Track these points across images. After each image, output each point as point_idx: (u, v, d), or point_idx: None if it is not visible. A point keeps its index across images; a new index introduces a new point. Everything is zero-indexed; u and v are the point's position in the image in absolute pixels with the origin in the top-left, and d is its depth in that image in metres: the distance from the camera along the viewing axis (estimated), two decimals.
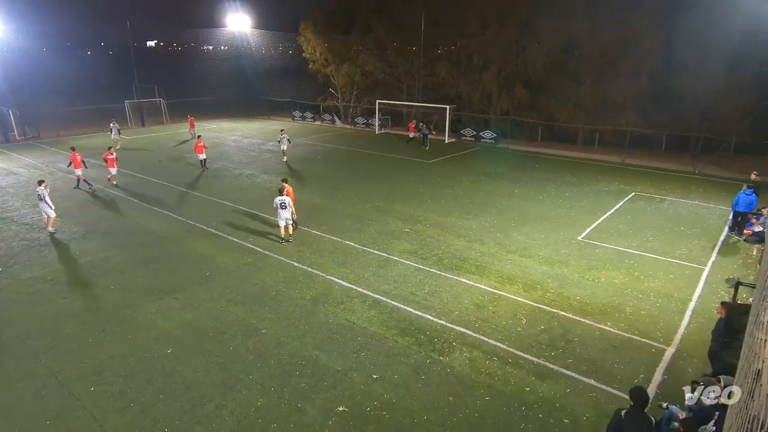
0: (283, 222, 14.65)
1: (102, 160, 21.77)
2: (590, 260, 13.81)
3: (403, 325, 10.47)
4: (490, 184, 22.25)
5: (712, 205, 19.03)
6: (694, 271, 13.14)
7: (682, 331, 10.31)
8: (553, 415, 7.91)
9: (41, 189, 15.49)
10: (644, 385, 8.47)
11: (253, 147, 31.28)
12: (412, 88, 40.08)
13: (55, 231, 15.66)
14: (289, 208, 14.49)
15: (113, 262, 13.65)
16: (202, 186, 21.46)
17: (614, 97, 29.77)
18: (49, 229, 15.62)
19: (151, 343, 9.78)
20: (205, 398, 8.23)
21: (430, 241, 15.11)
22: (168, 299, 11.54)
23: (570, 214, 17.89)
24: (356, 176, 23.63)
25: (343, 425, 7.66)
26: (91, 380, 8.67)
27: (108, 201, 19.32)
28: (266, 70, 49.88)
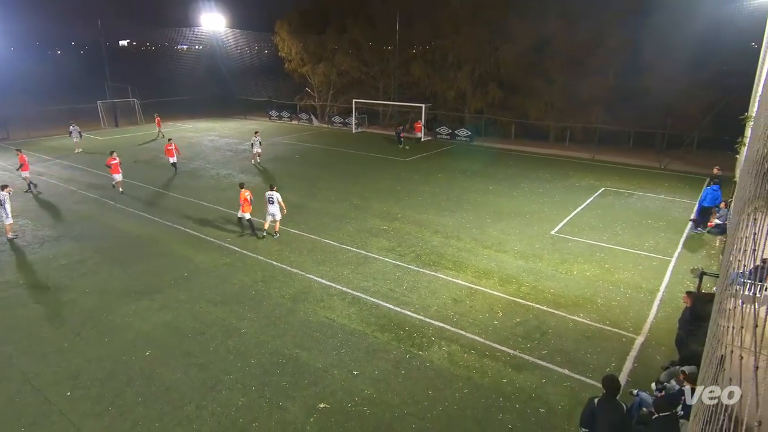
0: (270, 217, 15.10)
1: (105, 166, 20.29)
2: (563, 254, 14.20)
3: (383, 322, 10.62)
4: (465, 181, 22.58)
5: (677, 199, 19.74)
6: (661, 263, 13.65)
7: (651, 321, 10.72)
8: (529, 405, 8.16)
9: (2, 194, 14.92)
10: (615, 373, 8.79)
11: (229, 147, 30.98)
12: (388, 87, 40.26)
13: (15, 237, 15.12)
14: (277, 203, 14.97)
15: (89, 264, 13.42)
16: (179, 186, 21.20)
17: (584, 96, 30.53)
18: (7, 236, 14.99)
19: (128, 346, 9.69)
20: (185, 399, 8.22)
21: (407, 238, 15.30)
22: (145, 301, 11.43)
23: (543, 209, 18.32)
24: (334, 175, 23.67)
25: (324, 422, 7.76)
26: (68, 384, 8.56)
27: (83, 203, 18.92)
28: (242, 70, 49.36)
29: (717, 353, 5.49)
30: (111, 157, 19.94)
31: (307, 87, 43.70)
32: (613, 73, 29.57)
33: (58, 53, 79.74)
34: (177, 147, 23.99)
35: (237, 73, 48.78)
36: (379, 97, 39.82)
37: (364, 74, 40.73)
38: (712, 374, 5.25)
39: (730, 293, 6.79)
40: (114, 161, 19.79)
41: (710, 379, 5.37)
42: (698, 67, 26.65)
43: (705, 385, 5.54)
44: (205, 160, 26.76)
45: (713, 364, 5.35)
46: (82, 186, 21.07)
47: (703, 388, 2.15)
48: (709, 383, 5.26)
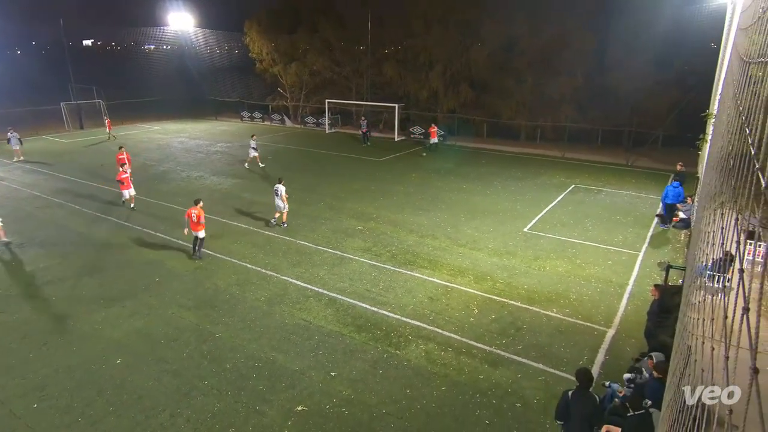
0: (277, 208, 16.02)
1: (117, 182, 18.09)
2: (536, 250, 14.46)
3: (360, 322, 10.61)
4: (439, 180, 22.74)
5: (644, 195, 20.33)
6: (630, 257, 14.04)
7: (621, 314, 11.01)
8: (506, 400, 8.28)
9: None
10: (588, 365, 9.01)
11: (200, 149, 30.43)
12: (360, 87, 40.18)
13: None
14: (280, 197, 15.78)
15: (55, 271, 12.99)
16: (148, 190, 20.68)
17: (553, 95, 31.18)
18: None
19: (98, 354, 9.42)
20: (158, 407, 8.04)
21: (383, 238, 15.32)
22: (115, 307, 11.13)
23: (516, 207, 18.61)
24: (308, 175, 23.50)
25: (302, 425, 7.70)
26: (34, 396, 8.27)
27: (48, 209, 18.28)
28: (212, 70, 48.44)
29: (685, 343, 5.68)
30: (121, 171, 17.93)
31: (279, 87, 43.26)
32: (581, 72, 30.28)
33: (18, 53, 76.80)
34: (129, 156, 20.94)
35: (207, 73, 47.87)
36: (352, 98, 39.72)
37: (336, 74, 40.54)
38: (682, 364, 5.43)
39: (696, 285, 7.05)
40: (124, 175, 17.69)
41: (680, 369, 5.56)
42: (662, 67, 27.65)
43: (676, 374, 5.73)
44: (175, 162, 26.22)
45: (683, 355, 5.54)
46: (46, 191, 20.37)
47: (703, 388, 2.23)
48: (680, 372, 5.44)
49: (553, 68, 30.71)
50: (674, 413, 3.87)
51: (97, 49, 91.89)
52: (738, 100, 4.13)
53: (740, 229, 2.90)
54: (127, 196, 17.90)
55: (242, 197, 19.63)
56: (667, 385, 6.69)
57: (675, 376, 5.86)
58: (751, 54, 3.88)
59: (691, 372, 3.68)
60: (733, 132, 4.04)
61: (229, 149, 30.24)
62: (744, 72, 4.17)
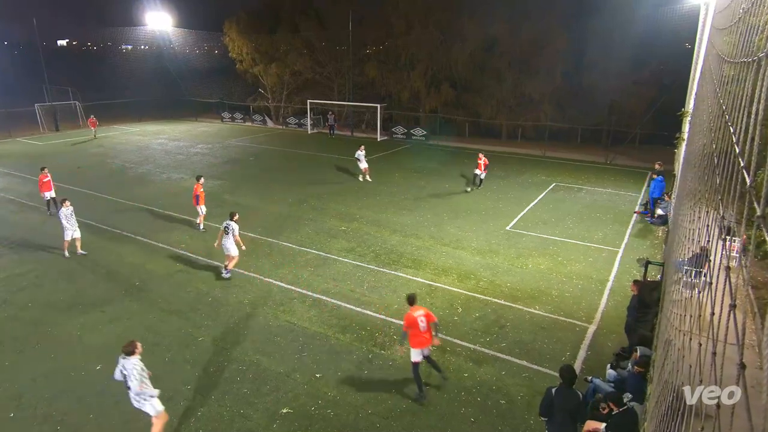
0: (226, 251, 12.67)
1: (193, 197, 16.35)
2: (518, 248, 14.60)
3: (344, 323, 10.58)
4: (422, 179, 22.82)
5: (623, 192, 20.70)
6: (610, 254, 14.28)
7: (602, 310, 11.19)
8: (490, 397, 8.35)
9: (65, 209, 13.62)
10: (571, 361, 9.14)
11: (180, 150, 30.00)
12: (342, 87, 40.10)
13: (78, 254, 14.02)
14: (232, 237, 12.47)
15: (30, 276, 12.67)
16: (127, 192, 20.31)
17: (533, 94, 31.56)
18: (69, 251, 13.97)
19: (77, 361, 9.22)
20: (141, 413, 7.85)
21: (367, 238, 15.31)
22: (94, 313, 10.91)
23: (498, 205, 18.77)
24: (290, 176, 23.36)
25: (288, 427, 7.66)
26: (11, 406, 8.06)
27: (20, 213, 17.84)
28: (191, 71, 47.77)
29: (665, 337, 5.80)
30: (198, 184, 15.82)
31: (260, 88, 42.90)
32: (560, 72, 30.70)
33: None
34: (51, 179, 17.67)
35: (186, 74, 47.20)
36: (334, 98, 39.60)
37: (318, 74, 40.38)
38: (663, 357, 5.54)
39: (675, 280, 7.20)
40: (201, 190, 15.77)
41: (661, 360, 5.67)
42: (638, 67, 28.23)
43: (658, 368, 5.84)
44: (155, 164, 25.81)
45: (664, 348, 5.66)
46: (19, 194, 19.87)
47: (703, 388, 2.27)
48: (661, 363, 5.55)
49: (532, 68, 31.12)
50: (663, 407, 3.95)
51: (72, 49, 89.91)
52: (721, 99, 4.22)
53: (724, 225, 2.97)
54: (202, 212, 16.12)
55: (224, 198, 19.42)
56: (651, 378, 6.84)
57: (658, 369, 5.98)
58: (733, 54, 3.97)
59: (680, 368, 3.75)
60: (716, 130, 4.13)
61: (210, 150, 29.88)
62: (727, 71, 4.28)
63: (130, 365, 6.85)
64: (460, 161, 27.00)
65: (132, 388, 6.88)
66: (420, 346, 8.21)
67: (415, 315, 8.15)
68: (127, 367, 6.84)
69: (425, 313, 8.26)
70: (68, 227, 13.57)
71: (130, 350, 6.91)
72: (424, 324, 8.11)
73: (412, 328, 8.12)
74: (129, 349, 6.91)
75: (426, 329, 8.18)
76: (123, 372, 6.87)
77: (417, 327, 8.09)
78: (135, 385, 6.85)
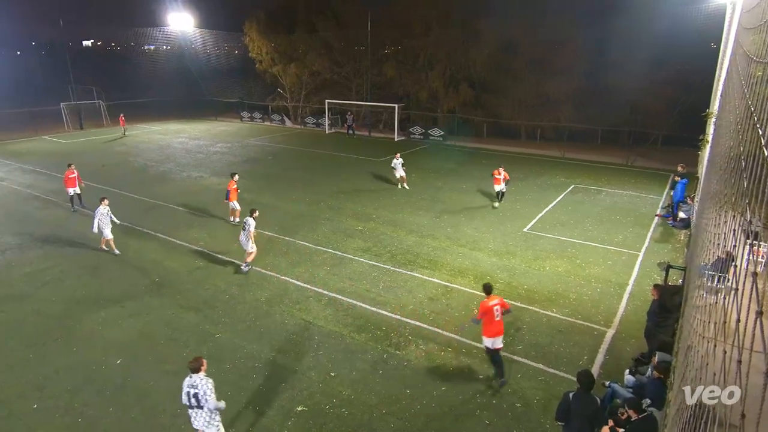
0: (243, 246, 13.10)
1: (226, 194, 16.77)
2: (536, 250, 14.45)
3: (360, 322, 10.60)
4: (439, 180, 22.74)
5: (644, 195, 20.33)
6: (630, 257, 14.03)
7: (621, 314, 11.01)
8: (505, 400, 8.28)
9: None
10: (588, 366, 9.01)
11: (200, 149, 30.42)
12: (360, 87, 40.21)
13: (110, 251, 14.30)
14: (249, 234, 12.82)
15: (54, 271, 12.98)
16: (148, 190, 20.68)
17: (553, 94, 31.20)
18: (106, 248, 14.34)
19: (98, 354, 9.41)
20: (158, 408, 8.03)
21: (383, 238, 15.31)
22: (115, 308, 11.12)
23: (516, 207, 18.60)
24: (308, 176, 23.50)
25: (302, 425, 7.70)
26: (34, 397, 8.26)
27: (45, 209, 18.28)
28: (212, 71, 48.42)
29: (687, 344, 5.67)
30: (232, 181, 16.51)
31: (279, 88, 43.26)
32: (580, 72, 30.29)
33: (18, 54, 76.63)
34: (79, 175, 18.16)
35: (207, 73, 47.86)
36: (352, 98, 39.71)
37: (336, 74, 40.57)
38: (684, 363, 5.42)
39: (698, 285, 7.04)
40: (233, 186, 16.45)
41: (682, 367, 5.55)
42: (661, 66, 27.63)
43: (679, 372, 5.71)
44: (175, 163, 26.21)
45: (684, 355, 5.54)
46: (45, 191, 20.36)
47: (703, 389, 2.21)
48: (682, 370, 5.42)
49: (552, 68, 30.76)
50: (685, 415, 3.86)
51: (97, 49, 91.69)
52: (749, 100, 4.11)
53: (750, 230, 2.89)
54: (234, 207, 16.61)
55: (242, 197, 19.56)
56: (672, 385, 6.69)
57: (679, 376, 5.85)
58: (762, 54, 3.86)
59: (703, 376, 3.67)
60: (743, 132, 4.02)
61: (229, 149, 30.24)
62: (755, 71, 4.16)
63: (203, 382, 6.33)
64: (478, 162, 26.84)
65: (208, 403, 6.31)
66: (493, 335, 8.43)
67: (491, 304, 8.36)
68: (199, 385, 6.30)
69: (500, 302, 8.51)
70: (102, 227, 13.72)
71: (196, 367, 6.42)
72: (499, 314, 8.38)
73: (487, 316, 8.35)
74: (195, 366, 6.43)
75: (501, 320, 8.44)
76: (193, 391, 6.30)
77: (492, 316, 8.34)
78: (212, 400, 6.30)
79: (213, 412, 6.41)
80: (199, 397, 6.30)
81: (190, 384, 6.36)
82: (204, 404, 6.32)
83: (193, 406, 6.39)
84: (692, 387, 2.62)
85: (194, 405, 6.36)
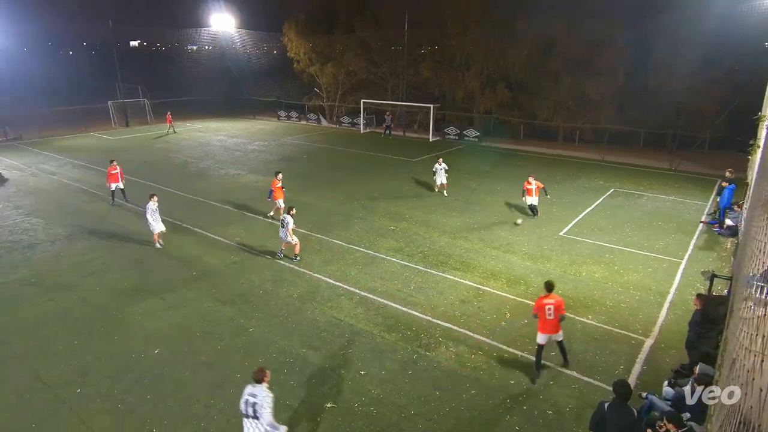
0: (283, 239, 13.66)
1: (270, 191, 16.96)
2: (572, 255, 14.11)
3: (390, 322, 10.61)
4: (473, 181, 22.51)
5: (688, 201, 19.53)
6: (672, 265, 13.52)
7: (661, 323, 10.62)
8: (537, 406, 8.12)
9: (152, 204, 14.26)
10: (625, 375, 8.74)
11: (238, 147, 31.15)
12: (396, 87, 40.25)
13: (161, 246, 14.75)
14: (288, 230, 13.35)
15: (98, 263, 13.56)
16: (188, 186, 21.33)
17: (593, 95, 30.34)
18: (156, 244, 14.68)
19: (138, 344, 9.77)
20: (193, 398, 8.26)
21: (415, 239, 15.28)
22: (154, 299, 11.52)
23: (552, 210, 18.20)
24: (342, 175, 23.70)
25: (331, 422, 7.77)
26: (78, 382, 8.64)
27: (92, 202, 19.11)
28: (251, 70, 49.58)
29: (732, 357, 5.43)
30: (276, 179, 16.71)
31: (316, 87, 43.81)
32: (623, 72, 29.34)
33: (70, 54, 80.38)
34: (122, 171, 18.97)
35: (246, 73, 49.02)
36: (388, 98, 39.80)
37: (372, 74, 40.75)
38: (728, 377, 5.19)
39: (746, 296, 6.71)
40: (278, 185, 16.65)
41: (726, 381, 5.31)
42: (710, 66, 26.39)
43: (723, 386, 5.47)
44: (214, 160, 26.93)
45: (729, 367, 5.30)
46: (92, 185, 21.28)
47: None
48: (726, 384, 5.19)
49: (592, 68, 29.88)
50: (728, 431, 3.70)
51: (143, 49, 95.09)
52: None
53: None
54: (279, 204, 16.72)
55: None
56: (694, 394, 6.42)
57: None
58: None
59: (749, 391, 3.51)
60: None
61: (266, 147, 30.84)
62: None
63: (264, 394, 6.27)
64: (513, 163, 26.45)
65: (264, 418, 6.24)
66: (545, 332, 8.70)
67: (545, 302, 8.58)
68: (259, 396, 6.25)
69: (555, 303, 8.61)
70: (152, 221, 14.22)
71: (260, 377, 6.37)
72: (551, 313, 8.54)
73: (540, 313, 8.63)
74: (259, 377, 6.37)
75: (553, 318, 8.59)
76: (252, 400, 6.26)
77: (544, 314, 8.57)
78: (267, 415, 6.24)
79: (268, 428, 6.30)
80: (256, 408, 6.25)
81: (251, 393, 6.33)
82: (260, 417, 6.25)
83: (249, 416, 6.32)
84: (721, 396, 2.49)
85: (250, 414, 6.30)
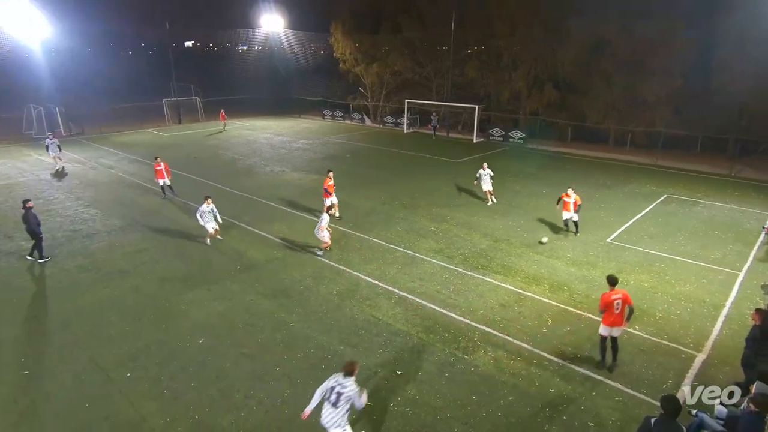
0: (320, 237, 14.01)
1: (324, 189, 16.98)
2: (619, 263, 13.60)
3: (428, 323, 10.57)
4: (517, 183, 22.09)
5: (748, 209, 18.43)
6: (728, 276, 12.80)
7: (714, 338, 10.08)
8: (577, 417, 7.89)
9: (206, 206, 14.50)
10: (673, 391, 8.35)
11: (284, 145, 31.84)
12: (441, 88, 40.01)
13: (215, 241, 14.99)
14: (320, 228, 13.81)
15: (149, 253, 14.19)
16: (234, 182, 21.99)
17: (647, 97, 29.05)
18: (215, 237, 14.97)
19: (184, 332, 10.16)
20: (234, 388, 8.52)
21: (456, 240, 15.15)
22: (201, 290, 11.95)
23: (599, 215, 17.61)
24: (385, 174, 23.78)
25: (367, 420, 7.81)
26: (128, 366, 9.08)
27: (145, 196, 20.03)
28: (298, 70, 50.60)
29: None
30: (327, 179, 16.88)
31: (361, 87, 44.14)
32: (680, 73, 27.95)
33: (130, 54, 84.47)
34: (167, 167, 19.61)
35: (293, 72, 50.04)
36: (432, 98, 39.60)
37: (417, 74, 40.66)
38: None
39: None
40: (330, 182, 16.77)
41: None
42: None
43: None
44: (260, 157, 27.63)
45: None
46: (145, 179, 22.28)
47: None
48: None
49: (647, 68, 28.60)
50: None
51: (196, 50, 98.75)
52: None
53: None
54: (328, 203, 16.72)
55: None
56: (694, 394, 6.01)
57: None
58: None
59: None
60: None
61: (310, 146, 31.36)
62: None
63: (353, 386, 6.40)
64: (560, 167, 25.75)
65: (357, 405, 6.49)
66: (610, 325, 8.81)
67: (612, 297, 8.70)
68: (348, 388, 6.36)
69: (622, 296, 8.74)
70: (203, 222, 14.44)
71: (350, 370, 6.46)
72: (619, 307, 8.68)
73: (607, 308, 8.72)
74: (349, 369, 6.47)
75: (620, 312, 8.72)
76: (340, 389, 6.36)
77: (612, 308, 8.69)
78: (359, 403, 6.47)
79: (346, 414, 6.45)
80: (341, 398, 6.34)
81: (340, 382, 6.41)
82: (340, 407, 6.37)
83: (331, 402, 6.41)
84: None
85: (333, 401, 6.39)
